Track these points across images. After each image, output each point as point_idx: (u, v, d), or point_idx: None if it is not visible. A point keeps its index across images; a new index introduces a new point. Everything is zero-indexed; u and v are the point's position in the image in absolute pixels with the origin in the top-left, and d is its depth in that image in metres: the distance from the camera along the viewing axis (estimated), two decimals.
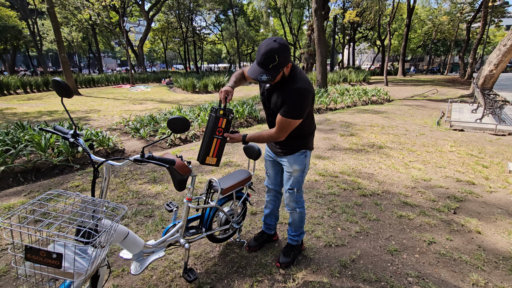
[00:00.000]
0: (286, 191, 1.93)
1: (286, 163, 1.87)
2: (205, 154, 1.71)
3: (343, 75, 18.51)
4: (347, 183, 3.44)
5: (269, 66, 1.47)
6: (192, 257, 2.10)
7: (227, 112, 1.68)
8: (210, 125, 1.69)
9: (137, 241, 1.59)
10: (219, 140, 1.71)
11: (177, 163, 1.58)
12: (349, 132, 5.91)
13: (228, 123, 1.71)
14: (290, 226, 2.06)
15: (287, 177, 1.90)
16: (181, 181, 1.66)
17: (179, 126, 1.35)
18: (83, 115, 8.68)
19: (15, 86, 15.78)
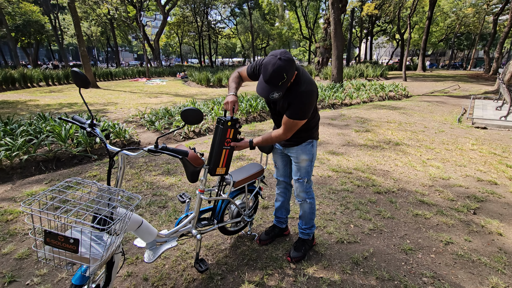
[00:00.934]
0: (296, 181, 1.94)
1: (294, 154, 1.88)
2: (215, 166, 1.73)
3: (360, 70, 18.08)
4: (361, 179, 3.38)
5: (278, 84, 1.48)
6: (203, 248, 2.13)
7: (234, 122, 1.68)
8: (219, 137, 1.70)
9: (151, 230, 1.62)
10: (228, 150, 1.74)
11: (190, 154, 1.59)
12: (365, 128, 5.78)
13: (235, 132, 1.72)
14: (301, 219, 2.05)
15: (296, 168, 1.91)
16: (194, 172, 1.67)
17: (192, 117, 1.36)
18: (101, 107, 8.91)
19: (38, 79, 16.38)
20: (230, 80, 1.84)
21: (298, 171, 1.90)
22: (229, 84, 1.81)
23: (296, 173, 1.92)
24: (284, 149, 1.96)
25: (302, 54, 49.82)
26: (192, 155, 1.59)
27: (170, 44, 48.28)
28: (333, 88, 10.24)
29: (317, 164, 3.84)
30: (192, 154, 1.59)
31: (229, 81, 1.84)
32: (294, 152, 1.88)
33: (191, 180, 1.72)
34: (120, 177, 1.43)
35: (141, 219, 1.56)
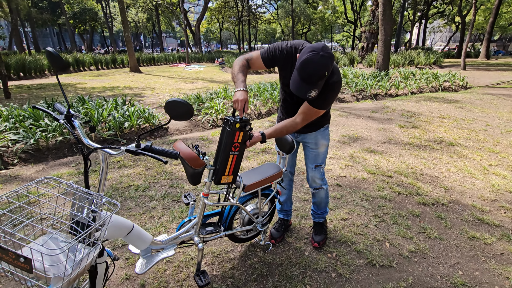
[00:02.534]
0: (313, 169, 1.87)
1: (312, 140, 1.82)
2: (221, 173, 1.49)
3: (409, 56, 16.35)
4: (403, 186, 2.88)
5: (318, 82, 1.36)
6: (210, 255, 1.91)
7: (244, 124, 1.41)
8: (225, 141, 1.44)
9: (143, 237, 1.43)
10: (236, 156, 1.48)
11: (187, 154, 1.33)
12: (411, 123, 5.08)
13: (245, 136, 1.46)
14: (316, 206, 2.02)
15: (313, 155, 1.85)
16: (193, 174, 1.43)
17: (178, 111, 1.10)
18: (140, 91, 9.18)
19: (89, 63, 17.56)
20: (236, 70, 1.55)
21: (316, 157, 1.85)
22: (236, 76, 1.53)
23: (313, 160, 1.86)
24: (297, 136, 1.86)
25: (345, 40, 46.92)
26: (190, 156, 1.33)
27: (211, 30, 48.69)
28: (376, 77, 9.32)
29: (350, 164, 3.40)
30: (189, 154, 1.33)
31: (235, 71, 1.56)
32: (312, 138, 1.81)
33: (192, 182, 1.48)
34: (103, 179, 1.22)
35: (131, 224, 1.36)
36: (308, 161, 1.89)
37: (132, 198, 2.62)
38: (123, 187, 2.84)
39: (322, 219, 2.05)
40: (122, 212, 2.39)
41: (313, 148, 1.83)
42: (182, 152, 1.35)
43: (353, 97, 7.82)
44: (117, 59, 18.98)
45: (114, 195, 2.68)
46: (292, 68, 1.60)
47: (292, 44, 1.59)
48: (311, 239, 2.02)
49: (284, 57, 1.60)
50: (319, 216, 2.03)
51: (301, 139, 1.86)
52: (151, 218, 2.31)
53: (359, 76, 9.64)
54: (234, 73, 1.55)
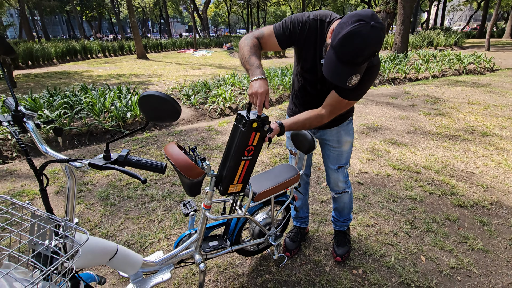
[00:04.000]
0: (335, 171, 1.59)
1: (334, 137, 1.52)
2: (229, 183, 1.20)
3: (428, 37, 15.38)
4: (435, 184, 2.54)
5: (363, 63, 1.05)
6: (215, 269, 1.65)
7: (262, 123, 1.10)
8: (238, 144, 1.14)
9: (131, 259, 1.17)
10: (248, 161, 1.18)
11: (181, 163, 1.04)
12: (437, 110, 4.64)
13: (262, 138, 1.16)
14: (339, 212, 1.73)
15: (335, 154, 1.56)
16: (191, 185, 1.14)
17: (158, 110, 0.80)
18: (145, 79, 8.92)
19: (96, 50, 17.34)
20: (247, 53, 1.19)
21: (339, 157, 1.56)
22: (248, 60, 1.17)
23: (335, 160, 1.57)
24: (315, 132, 1.57)
25: None
26: (184, 164, 1.04)
27: (218, 14, 47.45)
28: (394, 60, 8.71)
29: (372, 157, 3.06)
30: (183, 162, 1.04)
31: (245, 53, 1.20)
32: (333, 134, 1.52)
33: (189, 193, 1.20)
34: (70, 200, 0.95)
35: (115, 246, 1.10)
36: (329, 162, 1.59)
37: (131, 198, 2.39)
38: (122, 185, 2.61)
39: (345, 227, 1.76)
40: (120, 215, 2.16)
41: (335, 146, 1.53)
42: (175, 159, 1.06)
43: None
44: (124, 45, 18.69)
45: (112, 194, 2.45)
46: (317, 47, 1.27)
47: (316, 16, 1.24)
48: (333, 251, 1.74)
49: (306, 34, 1.25)
50: (341, 224, 1.75)
51: (320, 135, 1.56)
52: (151, 223, 2.07)
53: None
54: (244, 56, 1.20)
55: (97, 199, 2.39)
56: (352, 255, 1.75)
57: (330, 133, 1.51)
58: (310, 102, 1.43)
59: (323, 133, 1.54)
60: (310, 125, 1.31)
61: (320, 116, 1.29)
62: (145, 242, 1.87)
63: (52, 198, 2.41)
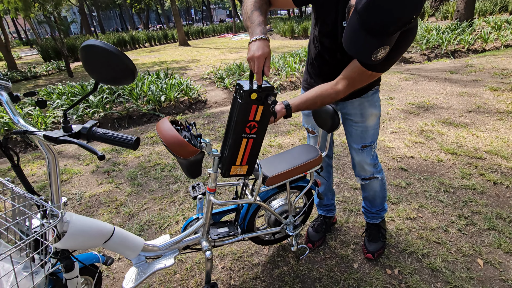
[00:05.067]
0: (359, 151, 1.34)
1: (357, 110, 1.28)
2: (230, 163, 1.05)
3: (501, 1, 12.99)
4: (501, 171, 2.08)
5: (394, 34, 0.83)
6: (229, 257, 1.55)
7: (265, 93, 0.91)
8: (236, 118, 0.97)
9: (130, 242, 1.10)
10: (252, 140, 1.01)
11: (170, 139, 0.91)
12: (509, 85, 3.86)
13: (267, 111, 0.96)
14: (369, 202, 1.50)
15: (358, 131, 1.31)
16: (188, 166, 1.02)
17: (104, 67, 0.66)
18: (185, 64, 9.12)
19: (143, 40, 18.27)
20: (250, 7, 0.98)
21: (363, 134, 1.31)
22: (249, 17, 0.96)
23: (359, 138, 1.32)
24: (335, 105, 1.33)
25: None
26: (173, 141, 0.91)
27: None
28: (455, 29, 7.52)
29: (420, 140, 2.64)
30: (172, 139, 0.91)
31: (247, 8, 0.99)
32: (356, 107, 1.28)
33: (189, 175, 1.07)
34: (53, 178, 0.88)
35: (111, 228, 1.04)
36: (351, 141, 1.36)
37: (156, 179, 2.39)
38: (150, 166, 2.64)
39: (378, 219, 1.52)
40: (144, 195, 2.18)
41: (358, 121, 1.30)
42: (163, 136, 0.93)
43: (423, 56, 6.45)
44: (168, 34, 19.38)
45: (140, 174, 2.49)
46: (340, 7, 1.01)
47: None
48: (363, 246, 1.51)
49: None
50: (374, 215, 1.51)
51: (340, 109, 1.33)
52: (171, 204, 2.04)
53: (431, 30, 7.93)
54: (246, 11, 1.00)
55: (126, 179, 2.45)
56: (387, 251, 1.50)
57: (351, 105, 1.28)
58: (328, 73, 1.19)
59: (343, 106, 1.30)
60: (323, 102, 1.08)
61: (335, 91, 1.06)
62: (164, 223, 1.84)
63: (87, 177, 2.54)
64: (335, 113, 1.16)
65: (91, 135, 0.71)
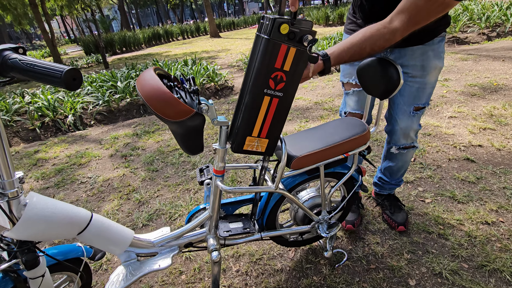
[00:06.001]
0: (410, 114, 1.09)
1: (417, 60, 0.99)
2: (244, 133, 0.75)
3: None
4: None
5: None
6: (246, 257, 1.26)
7: (300, 29, 0.65)
8: (257, 63, 0.68)
9: (114, 234, 0.85)
10: (277, 100, 0.72)
11: (149, 90, 0.64)
12: None
13: (301, 58, 0.68)
14: (390, 174, 1.31)
15: (414, 88, 1.04)
16: (182, 134, 0.74)
17: None
18: (215, 54, 9.02)
19: (176, 33, 18.64)
20: None
21: (419, 92, 1.05)
22: None
23: (412, 97, 1.06)
24: (389, 53, 1.04)
25: None
26: (154, 93, 0.63)
27: None
28: None
29: (489, 126, 2.12)
30: (152, 90, 0.63)
31: None
32: (417, 57, 0.99)
33: (185, 148, 0.80)
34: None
35: (87, 215, 0.80)
36: (401, 101, 1.08)
37: (173, 165, 2.19)
38: (169, 150, 2.45)
39: (394, 189, 1.38)
40: (158, 181, 1.98)
41: (416, 75, 1.02)
42: (142, 87, 0.65)
43: (481, 35, 5.58)
44: (200, 27, 19.58)
45: (157, 159, 2.30)
46: None
47: None
48: (391, 221, 1.33)
49: None
50: (392, 186, 1.36)
51: (395, 59, 1.03)
52: (186, 192, 1.81)
53: (489, 8, 6.87)
54: None
55: (142, 163, 2.28)
56: (456, 266, 1.10)
57: (411, 54, 0.99)
58: (383, 15, 0.83)
59: (400, 55, 1.01)
60: (373, 47, 0.76)
61: (390, 31, 0.74)
62: (175, 213, 1.61)
63: (104, 161, 2.42)
64: (392, 66, 0.81)
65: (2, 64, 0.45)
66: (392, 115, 1.13)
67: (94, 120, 3.90)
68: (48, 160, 2.60)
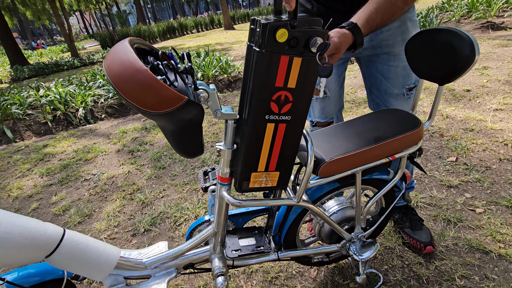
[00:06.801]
0: (404, 96, 0.92)
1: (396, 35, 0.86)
2: (247, 169, 0.59)
3: None
4: None
5: None
6: (259, 276, 1.07)
7: (305, 31, 0.45)
8: (251, 84, 0.49)
9: (94, 255, 0.68)
10: (284, 125, 0.55)
11: (117, 67, 0.44)
12: None
13: (310, 68, 0.49)
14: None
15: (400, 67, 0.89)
16: (172, 131, 0.55)
17: None
18: (228, 46, 8.85)
19: (191, 26, 18.58)
20: None
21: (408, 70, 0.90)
22: None
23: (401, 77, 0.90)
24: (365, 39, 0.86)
25: None
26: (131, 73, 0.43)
27: None
28: None
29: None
30: (128, 70, 0.43)
31: None
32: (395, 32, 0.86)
33: (180, 150, 0.61)
34: None
35: (58, 232, 0.63)
36: (389, 85, 0.92)
37: (181, 162, 2.02)
38: None
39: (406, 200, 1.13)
40: (165, 180, 1.82)
41: (400, 52, 0.88)
42: (110, 64, 0.46)
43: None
44: (214, 19, 19.42)
45: (165, 155, 2.15)
46: None
47: None
48: (413, 242, 1.07)
49: None
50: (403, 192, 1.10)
51: (368, 42, 0.89)
52: (193, 193, 1.64)
53: None
54: None
55: (149, 160, 2.13)
56: None
57: (388, 31, 0.85)
58: None
59: (376, 35, 0.86)
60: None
61: None
62: (180, 217, 1.44)
63: (111, 157, 2.29)
64: (460, 38, 0.58)
65: None
66: (380, 106, 0.95)
67: (105, 113, 3.81)
68: (55, 155, 2.51)
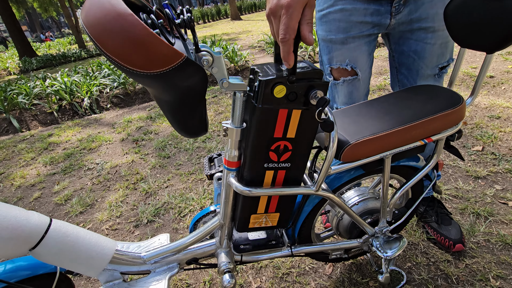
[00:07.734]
0: (435, 77, 0.82)
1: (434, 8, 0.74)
2: (248, 211, 0.59)
3: None
4: None
5: None
6: (269, 271, 0.99)
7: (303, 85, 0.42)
8: (250, 134, 0.47)
9: (85, 248, 0.60)
10: (283, 172, 0.52)
11: (94, 13, 0.34)
12: None
13: (309, 119, 0.47)
14: None
15: (436, 45, 0.78)
16: (171, 104, 0.45)
17: None
18: (235, 36, 8.70)
19: (197, 17, 18.36)
20: None
21: (443, 48, 0.79)
22: None
23: (435, 56, 0.79)
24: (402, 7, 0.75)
25: None
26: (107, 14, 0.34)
27: None
28: None
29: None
30: (114, 19, 0.34)
31: None
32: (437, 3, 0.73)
33: (179, 128, 0.52)
34: None
35: (44, 222, 0.55)
36: (422, 64, 0.81)
37: (187, 151, 1.95)
38: None
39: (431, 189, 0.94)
40: (169, 169, 1.75)
41: (439, 28, 0.76)
42: (87, 11, 0.36)
43: None
44: (221, 10, 19.16)
45: (170, 144, 2.08)
46: None
47: None
48: (441, 239, 0.97)
49: None
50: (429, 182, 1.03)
51: (402, 17, 0.77)
52: (198, 182, 1.56)
53: None
54: None
55: (153, 149, 2.06)
56: None
57: (429, 1, 0.73)
58: None
59: (417, 5, 0.74)
60: None
61: None
62: (185, 208, 1.37)
63: (115, 146, 2.23)
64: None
65: None
66: (408, 85, 0.85)
67: (110, 103, 3.76)
68: (59, 144, 2.46)
